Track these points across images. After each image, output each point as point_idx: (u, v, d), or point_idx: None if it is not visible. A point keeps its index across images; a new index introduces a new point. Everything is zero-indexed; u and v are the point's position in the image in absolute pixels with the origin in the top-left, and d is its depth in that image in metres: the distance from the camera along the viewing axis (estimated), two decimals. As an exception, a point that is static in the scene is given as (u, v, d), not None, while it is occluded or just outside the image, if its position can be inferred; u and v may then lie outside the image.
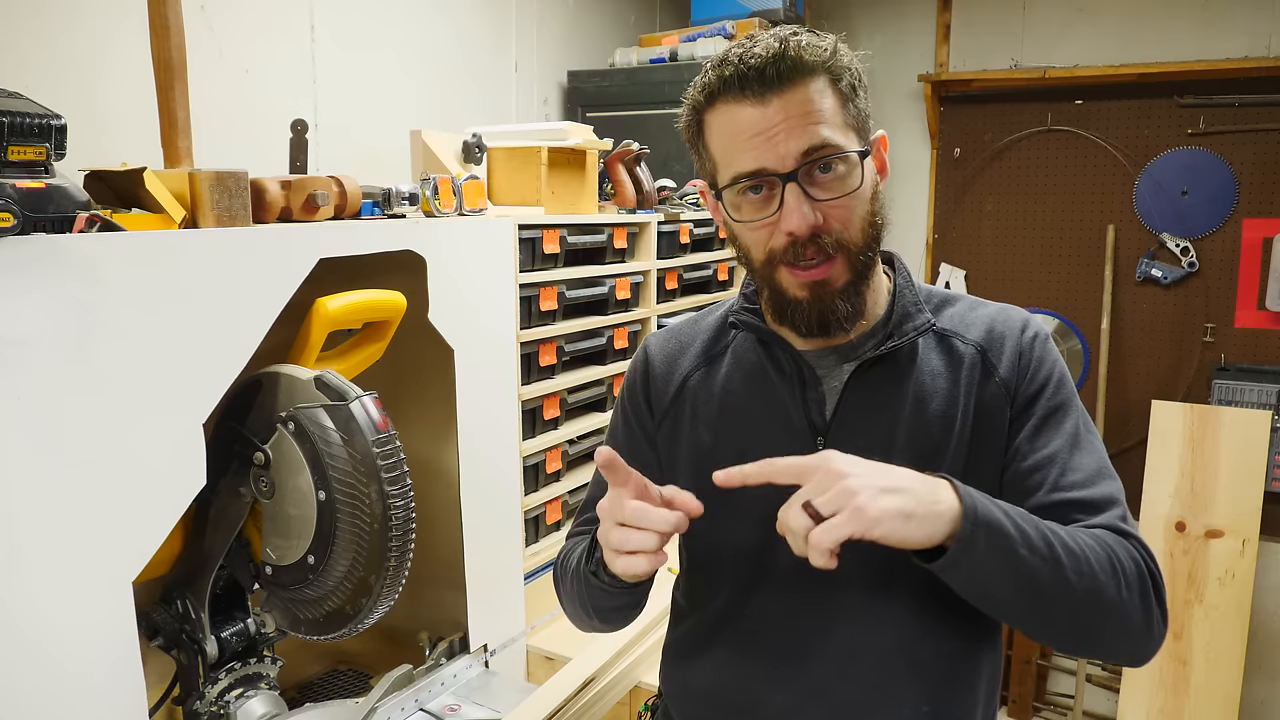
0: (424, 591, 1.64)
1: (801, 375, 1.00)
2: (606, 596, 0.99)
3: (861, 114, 0.95)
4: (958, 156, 3.40)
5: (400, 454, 1.27)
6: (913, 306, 1.01)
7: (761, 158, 0.89)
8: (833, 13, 3.44)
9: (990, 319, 1.02)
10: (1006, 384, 0.98)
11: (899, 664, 0.98)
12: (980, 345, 1.00)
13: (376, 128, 2.19)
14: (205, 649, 1.34)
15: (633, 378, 1.13)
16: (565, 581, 1.09)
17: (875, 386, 0.98)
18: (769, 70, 0.88)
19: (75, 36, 1.58)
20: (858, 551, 0.97)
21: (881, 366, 0.98)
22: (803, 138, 0.88)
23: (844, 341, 1.00)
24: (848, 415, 0.98)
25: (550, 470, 1.93)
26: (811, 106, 0.89)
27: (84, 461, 1.02)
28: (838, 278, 0.93)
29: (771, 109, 0.89)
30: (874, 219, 0.95)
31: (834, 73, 0.91)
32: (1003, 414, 0.97)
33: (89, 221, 1.03)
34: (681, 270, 2.41)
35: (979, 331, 1.01)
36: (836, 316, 0.94)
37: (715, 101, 0.92)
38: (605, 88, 2.88)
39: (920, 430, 0.96)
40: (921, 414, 0.97)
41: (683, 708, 1.09)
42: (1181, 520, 2.98)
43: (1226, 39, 2.98)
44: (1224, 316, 3.11)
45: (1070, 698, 3.37)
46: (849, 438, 0.96)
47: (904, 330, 0.99)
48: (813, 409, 0.99)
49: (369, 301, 1.39)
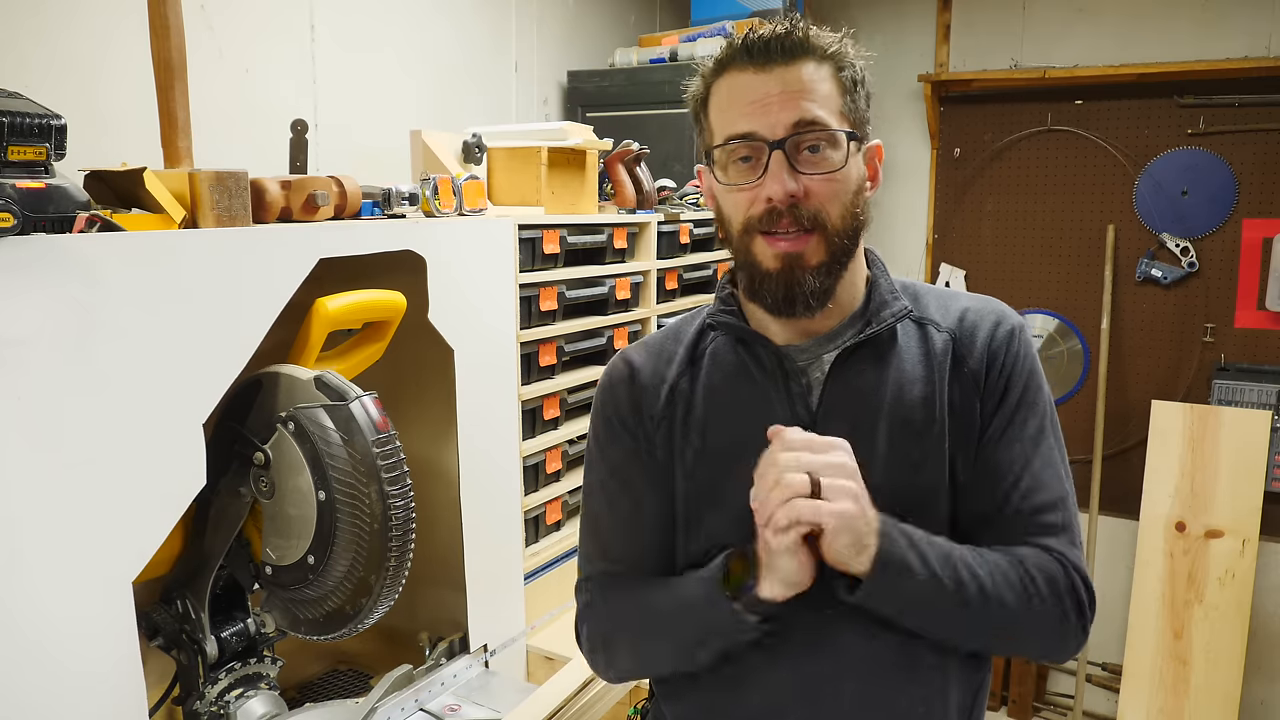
0: (424, 591, 1.64)
1: (784, 369, 1.01)
2: (742, 630, 0.94)
3: (859, 111, 0.97)
4: (958, 156, 3.40)
5: (400, 454, 1.27)
6: (889, 295, 1.03)
7: (754, 122, 0.93)
8: (833, 13, 3.44)
9: (964, 308, 1.03)
10: (975, 376, 0.99)
11: (893, 660, 0.98)
12: (953, 333, 1.01)
13: (376, 128, 2.19)
14: (205, 649, 1.34)
15: (616, 391, 1.09)
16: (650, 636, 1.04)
17: (858, 373, 0.99)
18: (774, 44, 0.93)
19: (75, 36, 1.58)
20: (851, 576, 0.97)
21: (862, 353, 1.00)
22: (795, 110, 0.92)
23: (823, 331, 1.01)
24: (833, 405, 0.99)
25: (550, 470, 1.93)
26: (809, 85, 0.93)
27: (84, 461, 1.02)
28: (811, 254, 0.94)
29: (771, 78, 0.93)
30: (855, 210, 0.96)
31: (837, 62, 0.95)
32: (973, 404, 0.99)
33: (89, 221, 1.03)
34: (681, 270, 2.41)
35: (952, 319, 1.02)
36: (803, 291, 0.95)
37: (723, 71, 0.97)
38: (605, 88, 2.88)
39: (903, 416, 0.98)
40: (902, 400, 0.98)
41: (675, 708, 1.09)
42: (1181, 520, 2.98)
43: (1226, 39, 2.98)
44: (1224, 316, 3.11)
45: (1070, 698, 3.37)
46: (835, 427, 0.97)
47: (882, 317, 1.00)
48: (798, 402, 1.00)
49: (369, 301, 1.39)
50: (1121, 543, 3.30)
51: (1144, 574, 3.03)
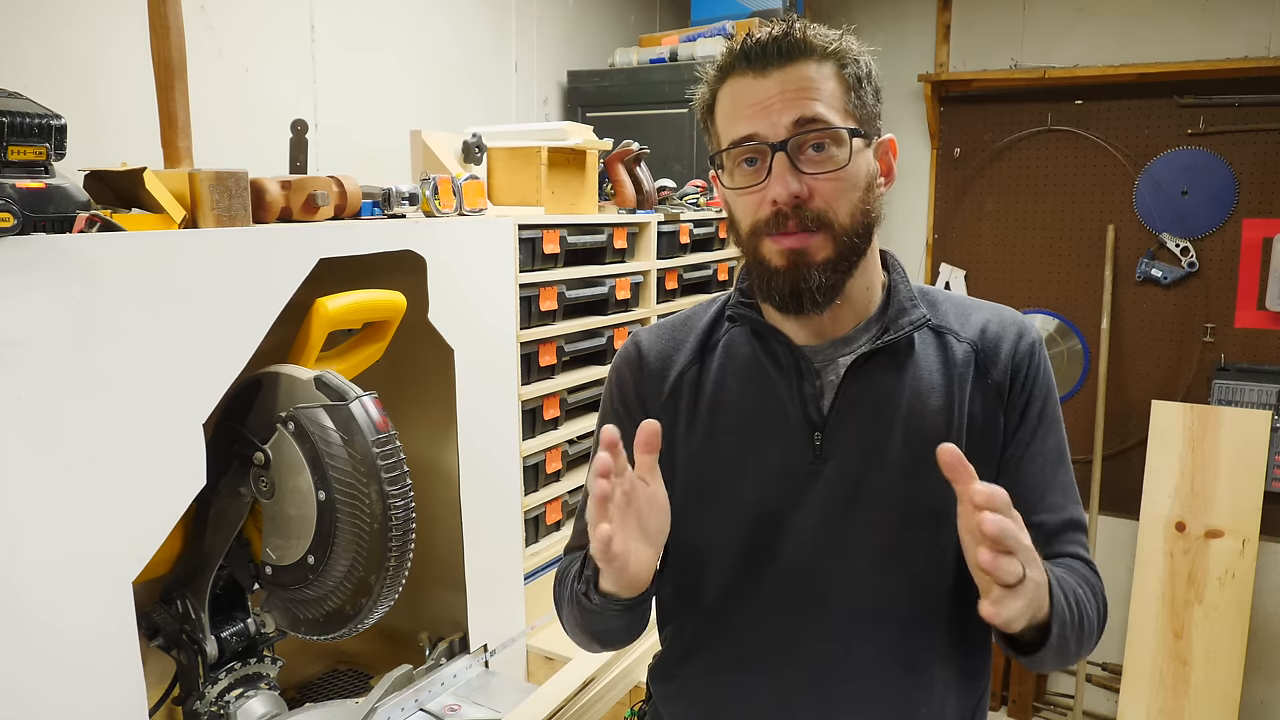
0: (424, 591, 1.64)
1: (799, 368, 0.99)
2: (601, 619, 0.96)
3: (866, 106, 0.96)
4: (958, 156, 3.40)
5: (400, 454, 1.27)
6: (908, 301, 1.01)
7: (755, 124, 0.93)
8: (833, 13, 3.44)
9: (985, 320, 1.02)
10: (1000, 388, 0.99)
11: (889, 665, 0.98)
12: (974, 344, 1.00)
13: (376, 128, 2.19)
14: (205, 649, 1.34)
15: (622, 374, 1.11)
16: (563, 606, 1.07)
17: (873, 380, 0.98)
18: (771, 47, 0.93)
19: (75, 36, 1.58)
20: (849, 556, 0.97)
21: (879, 360, 0.98)
22: (795, 109, 0.92)
23: (839, 335, 1.00)
24: (845, 409, 0.98)
25: (550, 470, 1.93)
26: (809, 84, 0.92)
27: (84, 461, 1.02)
28: (817, 250, 0.93)
29: (771, 81, 0.93)
30: (865, 207, 0.95)
31: (839, 59, 0.94)
32: (996, 417, 0.98)
33: (89, 221, 1.03)
34: (681, 270, 2.41)
35: (974, 330, 1.01)
36: (809, 287, 0.93)
37: (726, 77, 0.97)
38: (605, 88, 2.88)
39: (919, 426, 0.96)
40: (920, 409, 0.97)
41: (672, 709, 1.09)
42: (1181, 520, 2.98)
43: (1226, 39, 2.98)
44: (1224, 316, 3.11)
45: (1070, 698, 3.37)
46: (846, 433, 0.97)
47: (900, 324, 0.99)
48: (809, 404, 0.98)
49: (369, 301, 1.39)
50: (1121, 543, 3.30)
51: (1144, 574, 3.03)
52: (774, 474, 0.99)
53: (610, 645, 1.06)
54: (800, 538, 0.98)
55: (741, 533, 1.00)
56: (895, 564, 0.97)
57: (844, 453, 0.97)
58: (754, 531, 0.99)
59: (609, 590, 0.91)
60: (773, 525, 0.98)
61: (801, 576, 0.98)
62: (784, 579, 0.99)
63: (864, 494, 0.96)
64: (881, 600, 0.97)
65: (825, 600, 0.98)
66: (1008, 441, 0.99)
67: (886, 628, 0.97)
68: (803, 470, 0.98)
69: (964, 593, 0.95)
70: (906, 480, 0.95)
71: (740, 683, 1.02)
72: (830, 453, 0.97)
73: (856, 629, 0.98)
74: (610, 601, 0.92)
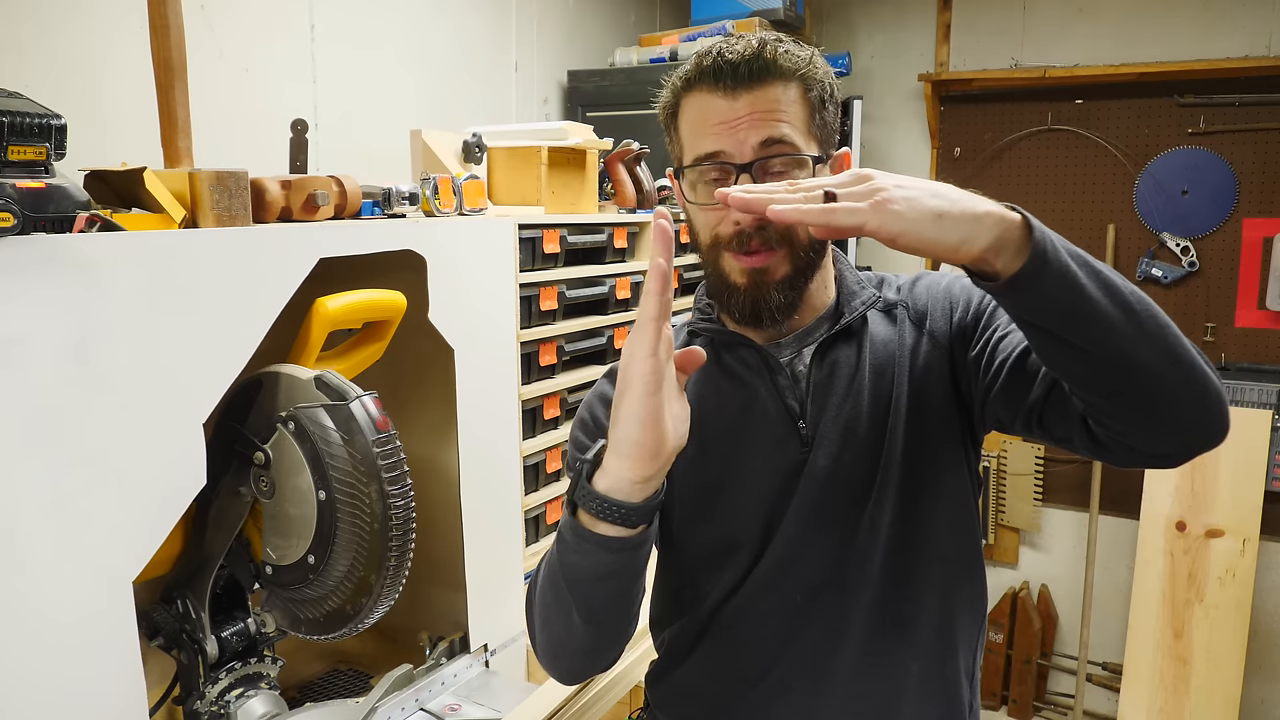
0: (424, 591, 1.64)
1: (768, 364, 1.03)
2: (593, 555, 0.83)
3: (828, 125, 0.98)
4: (958, 156, 3.40)
5: (400, 454, 1.27)
6: (856, 285, 1.06)
7: (722, 142, 0.94)
8: (833, 13, 3.44)
9: (919, 283, 1.07)
10: (938, 336, 1.01)
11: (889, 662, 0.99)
12: (913, 306, 1.05)
13: (376, 127, 2.19)
14: (205, 649, 1.34)
15: (595, 410, 1.08)
16: (538, 588, 0.95)
17: (837, 363, 1.02)
18: (742, 67, 0.93)
19: (75, 36, 1.58)
20: (835, 536, 0.98)
21: (838, 344, 1.02)
22: (762, 131, 0.93)
23: (800, 328, 1.03)
24: (819, 394, 1.01)
25: (550, 470, 1.93)
26: (777, 106, 0.94)
27: (84, 461, 1.02)
28: (777, 268, 0.96)
29: (740, 103, 0.94)
30: None
31: (806, 82, 0.96)
32: (941, 367, 1.00)
33: (89, 221, 1.03)
34: (681, 270, 2.41)
35: (911, 293, 1.06)
36: (769, 307, 0.97)
37: (691, 89, 0.97)
38: (605, 87, 2.88)
39: (883, 396, 1.00)
40: (881, 380, 1.01)
41: (671, 710, 1.10)
42: (1182, 520, 2.99)
43: (1226, 39, 2.98)
44: (1224, 316, 3.11)
45: (1070, 697, 3.37)
46: (825, 415, 1.00)
47: (853, 306, 1.04)
48: (787, 394, 1.01)
49: (369, 301, 1.39)
50: (1122, 542, 3.30)
51: (1144, 573, 3.04)
52: (770, 468, 1.00)
53: (600, 620, 0.91)
54: (793, 527, 0.99)
55: (742, 533, 1.01)
56: (880, 538, 0.98)
57: (827, 436, 1.00)
58: (755, 534, 1.00)
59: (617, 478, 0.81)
60: (770, 519, 1.00)
61: (798, 578, 0.99)
62: (781, 581, 0.99)
63: (846, 472, 0.99)
64: (870, 576, 0.98)
65: (821, 600, 0.98)
66: (977, 345, 0.98)
67: (879, 606, 0.98)
68: (795, 459, 1.00)
69: (946, 559, 0.99)
70: (878, 451, 0.98)
71: (740, 681, 1.02)
72: (815, 437, 1.00)
73: (853, 629, 0.98)
74: (608, 505, 0.81)
